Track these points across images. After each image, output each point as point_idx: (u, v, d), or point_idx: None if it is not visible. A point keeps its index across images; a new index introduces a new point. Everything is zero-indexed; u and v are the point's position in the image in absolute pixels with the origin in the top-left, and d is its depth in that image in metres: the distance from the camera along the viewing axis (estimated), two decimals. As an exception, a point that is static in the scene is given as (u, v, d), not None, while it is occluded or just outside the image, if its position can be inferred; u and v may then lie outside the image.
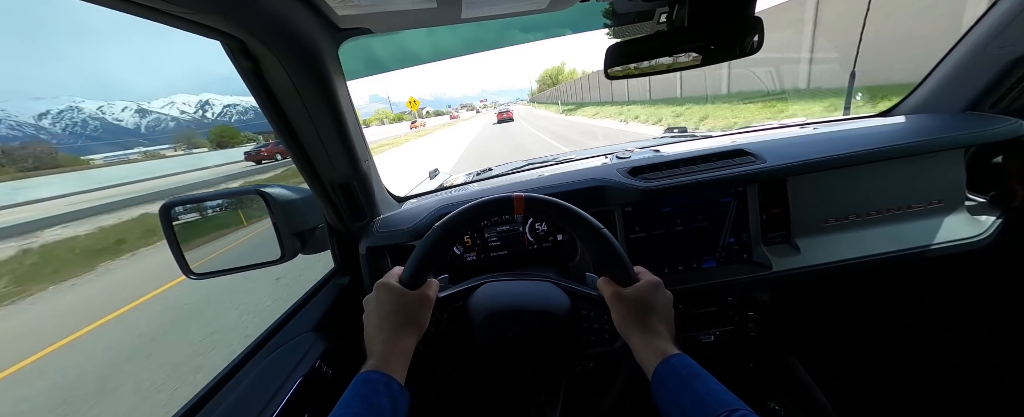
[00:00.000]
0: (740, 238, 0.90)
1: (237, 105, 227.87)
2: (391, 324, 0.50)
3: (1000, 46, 0.82)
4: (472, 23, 0.91)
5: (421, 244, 0.54)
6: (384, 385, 0.43)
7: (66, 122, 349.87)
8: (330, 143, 0.67)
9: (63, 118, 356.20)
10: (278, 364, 0.60)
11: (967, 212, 0.89)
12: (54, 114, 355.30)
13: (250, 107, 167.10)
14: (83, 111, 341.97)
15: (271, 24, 0.46)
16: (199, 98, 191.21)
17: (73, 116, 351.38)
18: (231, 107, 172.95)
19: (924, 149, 0.84)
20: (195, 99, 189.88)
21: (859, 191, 0.88)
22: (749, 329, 0.96)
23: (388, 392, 0.42)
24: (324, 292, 0.85)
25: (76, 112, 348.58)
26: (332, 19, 0.55)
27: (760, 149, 0.90)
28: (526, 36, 1.07)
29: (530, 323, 0.58)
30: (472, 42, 1.07)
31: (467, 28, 0.98)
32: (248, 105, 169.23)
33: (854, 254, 0.86)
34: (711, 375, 0.43)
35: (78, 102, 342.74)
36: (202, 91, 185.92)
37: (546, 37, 1.10)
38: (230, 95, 72.14)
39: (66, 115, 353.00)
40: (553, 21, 0.98)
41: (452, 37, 1.02)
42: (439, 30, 0.94)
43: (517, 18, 0.94)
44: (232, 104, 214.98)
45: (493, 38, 1.06)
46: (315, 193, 0.79)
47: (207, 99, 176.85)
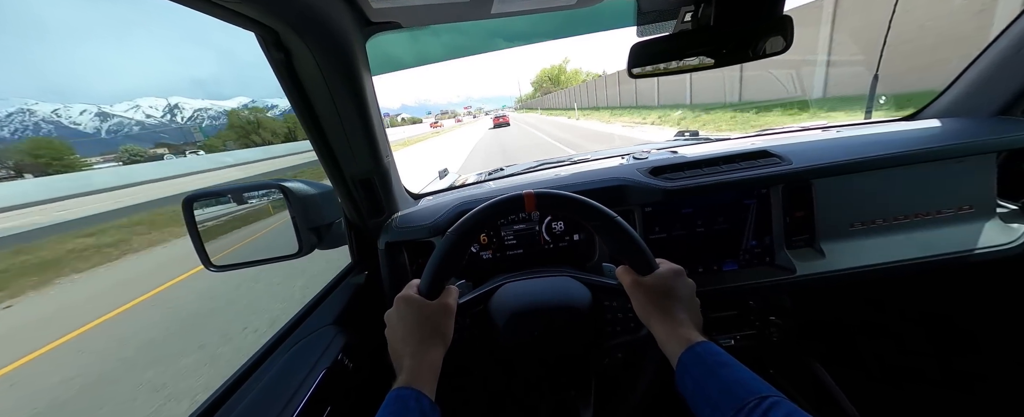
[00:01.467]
0: (762, 241, 0.89)
1: (209, 109, 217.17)
2: (416, 337, 0.49)
3: None
4: (457, 30, 0.91)
5: (436, 252, 0.53)
6: (415, 401, 0.43)
7: (16, 125, 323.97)
8: (354, 137, 0.67)
9: (12, 121, 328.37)
10: (301, 356, 0.60)
11: (999, 219, 0.87)
12: (2, 117, 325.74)
13: (222, 111, 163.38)
14: (36, 114, 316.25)
15: (307, 15, 0.46)
16: (167, 101, 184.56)
17: (24, 119, 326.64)
18: (202, 111, 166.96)
19: (954, 153, 0.82)
20: (163, 102, 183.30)
21: (886, 195, 0.86)
22: (771, 334, 0.94)
23: (419, 408, 0.42)
24: (342, 287, 0.85)
25: (28, 115, 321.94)
26: (365, 11, 0.55)
27: (784, 151, 0.89)
28: (509, 43, 1.07)
29: (554, 319, 0.57)
30: (454, 48, 1.07)
31: (450, 34, 0.98)
32: (220, 110, 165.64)
33: (881, 260, 0.83)
34: (740, 363, 0.42)
35: (31, 104, 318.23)
36: (171, 94, 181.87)
37: (527, 43, 1.10)
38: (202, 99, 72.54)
39: (16, 118, 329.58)
40: (538, 29, 0.97)
41: (434, 43, 1.01)
42: (422, 36, 0.94)
43: (502, 26, 0.94)
44: (203, 108, 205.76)
45: (477, 44, 1.06)
46: (335, 187, 0.79)
47: (177, 103, 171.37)
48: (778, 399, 0.35)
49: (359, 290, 0.84)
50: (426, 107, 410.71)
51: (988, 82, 0.91)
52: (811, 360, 1.01)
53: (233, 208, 0.89)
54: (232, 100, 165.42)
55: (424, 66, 1.14)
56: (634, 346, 0.59)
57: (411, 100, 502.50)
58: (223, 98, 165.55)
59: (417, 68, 1.13)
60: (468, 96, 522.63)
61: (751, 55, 0.76)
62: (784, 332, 0.93)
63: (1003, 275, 0.95)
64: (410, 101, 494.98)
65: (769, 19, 0.71)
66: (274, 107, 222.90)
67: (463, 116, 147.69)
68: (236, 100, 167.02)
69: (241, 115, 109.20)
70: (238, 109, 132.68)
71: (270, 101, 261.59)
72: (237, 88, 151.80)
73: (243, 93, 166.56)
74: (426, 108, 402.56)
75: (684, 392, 0.43)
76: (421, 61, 1.09)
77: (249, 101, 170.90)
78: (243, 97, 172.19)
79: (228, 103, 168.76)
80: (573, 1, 0.62)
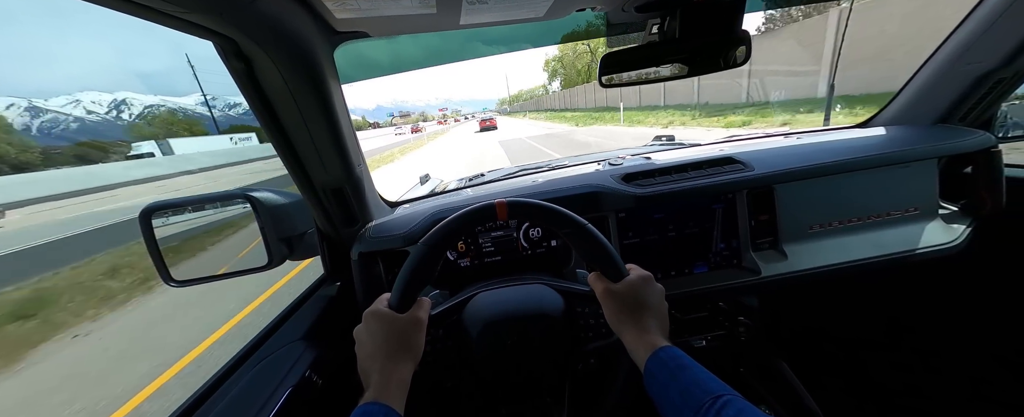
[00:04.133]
0: (730, 244, 0.92)
1: (162, 106, 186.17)
2: (384, 353, 0.49)
3: (968, 63, 0.87)
4: (435, 35, 0.91)
5: (406, 264, 0.53)
6: (384, 416, 0.42)
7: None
8: (323, 146, 0.66)
9: None
10: (266, 374, 0.58)
11: (941, 220, 0.94)
12: None
13: (177, 108, 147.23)
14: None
15: (267, 25, 0.45)
16: (113, 97, 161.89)
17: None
18: (154, 108, 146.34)
19: (900, 159, 0.88)
20: (108, 97, 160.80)
21: (841, 198, 0.91)
22: (739, 334, 0.97)
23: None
24: (314, 299, 0.83)
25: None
26: (329, 21, 0.54)
27: (748, 157, 0.93)
28: (489, 49, 1.08)
29: (527, 328, 0.57)
30: (434, 53, 1.07)
31: (428, 39, 0.98)
32: (176, 105, 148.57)
33: (838, 259, 0.88)
34: (700, 365, 0.43)
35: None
36: (117, 89, 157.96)
37: (508, 51, 1.11)
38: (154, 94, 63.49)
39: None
40: (517, 35, 0.99)
41: (412, 47, 1.01)
42: (400, 40, 0.94)
43: (481, 32, 0.95)
44: (156, 105, 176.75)
45: (456, 49, 1.06)
46: (306, 197, 0.77)
47: (124, 98, 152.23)
48: (731, 397, 0.37)
49: (331, 302, 0.82)
50: (404, 108, 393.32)
51: (928, 93, 0.98)
52: (777, 358, 1.05)
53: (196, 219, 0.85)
54: (189, 97, 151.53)
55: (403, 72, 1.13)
56: (607, 351, 0.61)
57: (387, 101, 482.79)
58: (178, 94, 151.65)
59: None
60: (447, 99, 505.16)
61: (715, 66, 0.80)
62: (752, 332, 0.96)
63: (946, 271, 1.02)
64: (386, 102, 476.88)
65: (729, 34, 0.75)
66: (236, 106, 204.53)
67: (434, 120, 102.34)
68: (193, 97, 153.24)
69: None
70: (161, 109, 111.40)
71: (231, 99, 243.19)
72: (195, 84, 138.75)
73: (199, 89, 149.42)
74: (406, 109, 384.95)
75: (651, 396, 0.45)
76: (398, 67, 1.08)
77: (211, 98, 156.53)
78: (200, 95, 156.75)
79: (184, 100, 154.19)
80: (541, 13, 0.63)
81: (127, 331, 3.64)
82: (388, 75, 1.11)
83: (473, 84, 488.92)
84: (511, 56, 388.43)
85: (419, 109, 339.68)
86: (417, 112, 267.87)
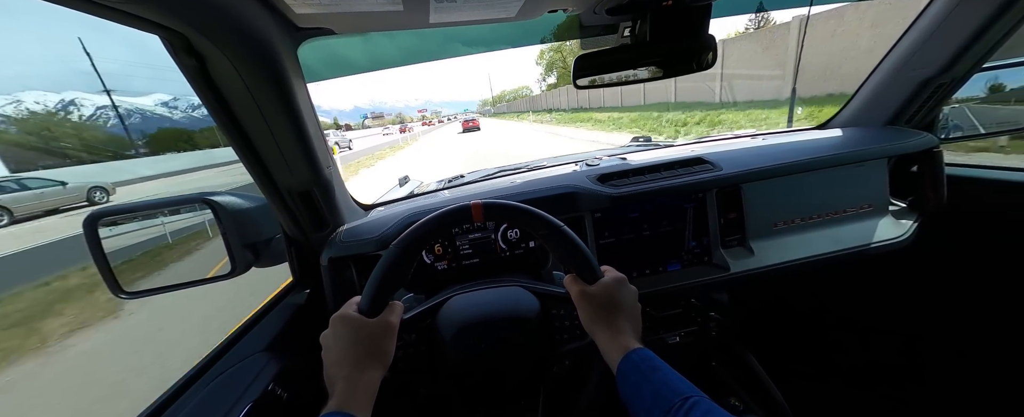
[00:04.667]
0: (701, 242, 0.95)
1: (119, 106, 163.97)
2: (351, 359, 0.47)
3: (912, 69, 0.94)
4: (413, 34, 0.89)
5: (377, 267, 0.51)
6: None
7: None
8: (288, 148, 0.63)
9: None
10: (224, 389, 0.54)
11: (891, 215, 1.00)
12: None
13: (135, 108, 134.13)
14: None
15: (220, 20, 0.42)
16: (60, 97, 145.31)
17: None
18: (106, 109, 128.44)
19: (854, 159, 0.94)
20: (55, 98, 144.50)
21: (803, 196, 0.96)
22: (710, 329, 1.00)
23: None
24: (280, 307, 0.79)
25: None
26: (289, 17, 0.52)
27: (717, 158, 0.96)
28: (467, 49, 1.07)
29: (502, 331, 0.57)
30: (412, 52, 1.06)
31: (406, 38, 0.96)
32: (134, 107, 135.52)
33: (800, 255, 0.93)
34: (669, 367, 0.44)
35: None
36: (65, 88, 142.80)
37: (486, 51, 1.11)
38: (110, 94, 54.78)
39: None
40: (498, 35, 0.99)
41: (390, 46, 0.99)
42: (377, 39, 0.91)
43: (461, 32, 0.94)
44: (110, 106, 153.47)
45: (435, 48, 1.05)
46: (271, 201, 0.73)
47: (72, 98, 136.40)
48: (698, 399, 0.38)
49: (300, 310, 0.79)
50: (381, 109, 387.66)
51: (879, 97, 1.05)
52: (746, 352, 1.10)
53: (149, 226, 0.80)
54: (148, 97, 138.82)
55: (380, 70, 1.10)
56: (582, 353, 0.61)
57: (365, 101, 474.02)
58: (136, 94, 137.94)
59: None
60: (427, 100, 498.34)
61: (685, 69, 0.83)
62: (722, 327, 1.00)
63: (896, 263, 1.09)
64: (364, 102, 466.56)
65: (697, 39, 0.77)
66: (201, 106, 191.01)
67: (413, 124, 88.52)
68: (153, 97, 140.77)
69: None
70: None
71: (194, 99, 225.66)
72: (154, 83, 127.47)
73: (161, 89, 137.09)
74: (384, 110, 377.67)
75: (623, 398, 0.45)
76: (376, 65, 1.06)
77: (170, 99, 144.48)
78: (162, 94, 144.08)
79: (142, 100, 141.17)
80: (512, 14, 0.63)
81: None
82: (363, 73, 1.08)
83: (453, 85, 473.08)
84: (494, 56, 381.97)
85: (397, 110, 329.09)
86: (394, 113, 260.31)
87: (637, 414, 0.42)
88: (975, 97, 1.10)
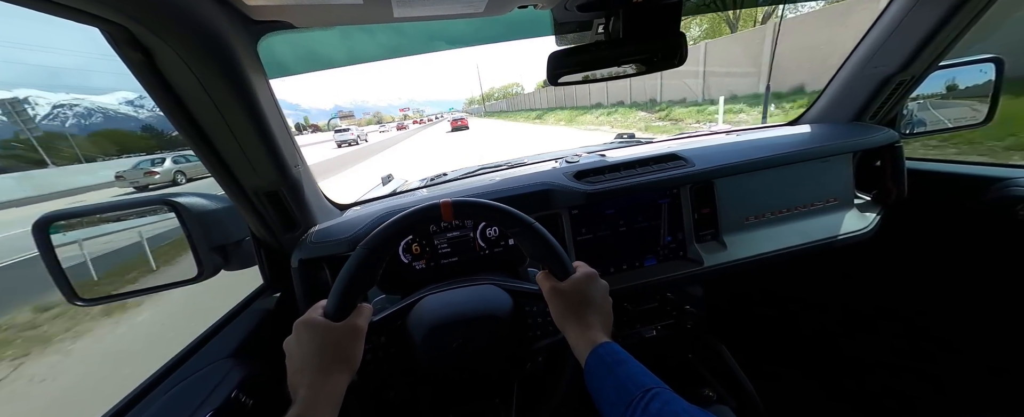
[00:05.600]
0: (676, 236, 0.97)
1: (76, 106, 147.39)
2: (314, 365, 0.46)
3: (874, 66, 0.97)
4: (393, 30, 0.87)
5: (344, 269, 0.50)
6: None
7: None
8: (251, 148, 0.61)
9: None
10: (183, 398, 0.53)
11: (856, 208, 1.04)
12: None
13: (97, 108, 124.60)
14: None
15: (161, 11, 0.40)
16: (13, 95, 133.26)
17: None
18: (65, 108, 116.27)
19: (821, 154, 0.97)
20: (5, 95, 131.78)
21: (773, 191, 0.99)
22: (686, 322, 1.02)
23: None
24: (249, 311, 0.77)
25: None
26: (241, 10, 0.50)
27: (691, 154, 0.98)
28: (451, 45, 1.06)
29: (474, 330, 0.56)
30: (391, 48, 1.04)
31: (386, 34, 0.95)
32: (95, 105, 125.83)
33: (771, 248, 0.95)
34: (635, 360, 0.45)
35: None
36: (16, 87, 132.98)
37: (471, 46, 1.10)
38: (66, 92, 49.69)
39: None
40: (483, 32, 0.98)
41: (369, 42, 0.97)
42: (356, 34, 0.89)
43: (444, 28, 0.93)
44: (67, 104, 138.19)
45: (415, 44, 1.04)
46: (236, 203, 0.71)
47: (25, 96, 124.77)
48: (659, 390, 0.38)
49: (269, 315, 0.77)
50: (365, 108, 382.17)
51: (844, 94, 1.08)
52: (719, 344, 1.13)
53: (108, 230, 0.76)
54: (110, 95, 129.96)
55: (359, 65, 1.08)
56: (555, 349, 0.61)
57: (346, 101, 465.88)
58: (97, 92, 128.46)
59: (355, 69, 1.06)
60: (411, 99, 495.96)
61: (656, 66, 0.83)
62: (697, 320, 1.02)
63: (861, 254, 1.14)
64: (344, 102, 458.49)
65: (667, 36, 0.78)
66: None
67: (394, 122, 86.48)
68: (116, 95, 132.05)
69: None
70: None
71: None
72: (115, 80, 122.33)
73: (126, 87, 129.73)
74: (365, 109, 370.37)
75: (591, 391, 0.45)
76: (354, 60, 1.03)
77: (136, 97, 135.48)
78: (127, 92, 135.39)
79: (104, 98, 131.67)
80: (480, 9, 0.62)
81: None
82: (341, 68, 1.06)
83: (438, 82, 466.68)
84: (481, 52, 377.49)
85: (375, 109, 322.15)
86: (371, 113, 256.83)
87: (602, 407, 0.43)
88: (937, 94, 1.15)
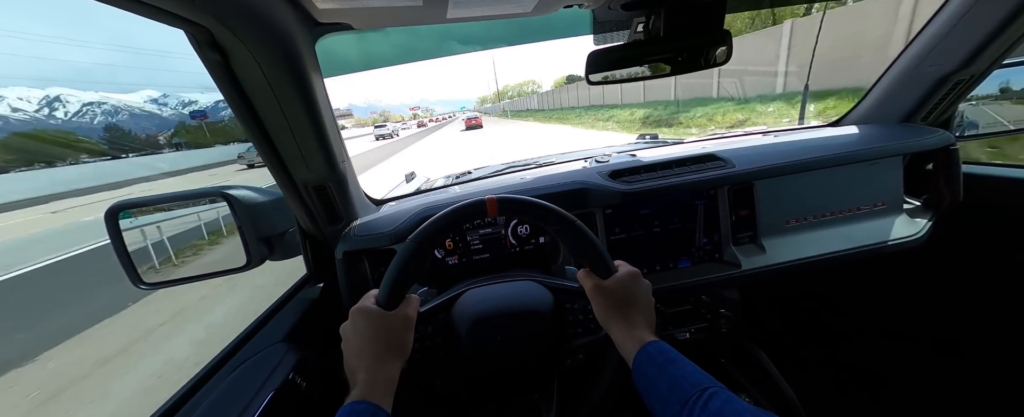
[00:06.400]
0: (712, 239, 0.95)
1: (103, 104, 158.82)
2: (371, 351, 0.48)
3: (930, 64, 0.92)
4: (407, 32, 0.89)
5: (395, 260, 0.52)
6: (371, 415, 0.41)
7: None
8: (305, 142, 0.64)
9: None
10: (248, 377, 0.56)
11: (906, 214, 0.99)
12: None
13: (123, 106, 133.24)
14: None
15: (244, 14, 0.43)
16: (45, 93, 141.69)
17: None
18: (94, 105, 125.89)
19: (868, 156, 0.93)
20: (39, 94, 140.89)
21: (815, 194, 0.95)
22: (721, 326, 1.00)
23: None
24: (296, 300, 0.80)
25: None
26: (311, 12, 0.52)
27: (729, 155, 0.95)
28: (463, 47, 1.07)
29: (516, 324, 0.57)
30: (405, 51, 1.05)
31: (401, 36, 0.96)
32: (122, 104, 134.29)
33: (813, 252, 0.92)
34: (686, 359, 0.44)
35: None
36: (49, 85, 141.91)
37: (482, 48, 1.10)
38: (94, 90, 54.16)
39: None
40: (493, 34, 0.99)
41: (385, 45, 0.99)
42: (371, 37, 0.91)
43: (456, 30, 0.94)
44: (96, 102, 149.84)
45: (430, 47, 1.05)
46: (287, 195, 0.74)
47: (57, 94, 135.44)
48: (717, 389, 0.38)
49: (314, 303, 0.80)
50: (378, 107, 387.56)
51: (894, 94, 1.03)
52: (756, 349, 1.09)
53: (169, 219, 0.81)
54: (136, 93, 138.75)
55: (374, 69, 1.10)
56: (595, 346, 0.61)
57: (360, 100, 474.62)
58: (124, 91, 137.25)
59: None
60: (423, 98, 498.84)
61: (698, 64, 0.82)
62: (733, 324, 1.00)
63: (910, 262, 1.08)
64: (359, 101, 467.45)
65: (711, 32, 0.76)
66: (191, 103, 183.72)
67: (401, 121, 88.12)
68: (142, 94, 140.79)
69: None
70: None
71: (186, 96, 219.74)
72: (142, 77, 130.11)
73: (150, 84, 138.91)
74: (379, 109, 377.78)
75: (639, 390, 0.45)
76: (370, 64, 1.06)
77: (160, 96, 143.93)
78: (150, 90, 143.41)
79: (130, 96, 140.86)
80: (529, 8, 0.63)
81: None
82: (355, 72, 1.08)
83: (449, 82, 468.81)
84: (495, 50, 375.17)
85: (384, 108, 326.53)
86: (378, 112, 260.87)
87: (653, 406, 0.43)
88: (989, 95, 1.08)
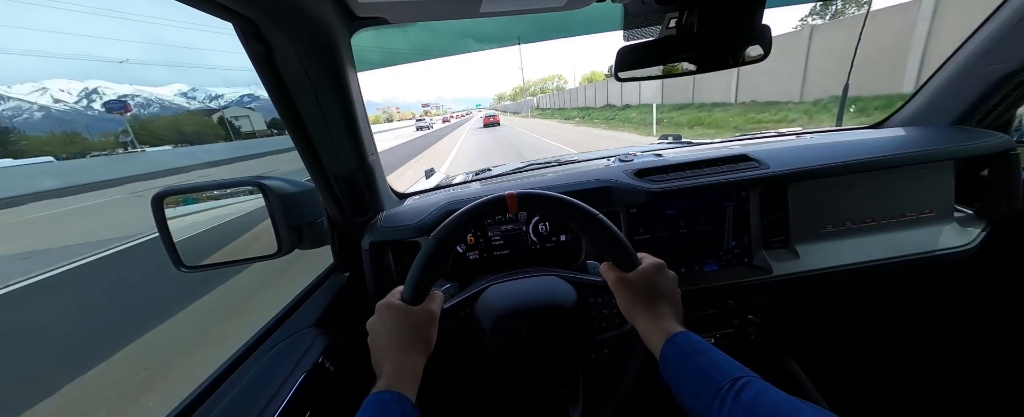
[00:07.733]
0: (741, 242, 0.91)
1: (136, 97, 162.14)
2: (397, 345, 0.49)
3: (989, 63, 0.86)
4: (424, 28, 0.90)
5: (418, 257, 0.53)
6: (396, 404, 0.42)
7: None
8: (338, 134, 0.66)
9: None
10: (282, 358, 0.58)
11: (956, 222, 0.93)
12: None
13: (155, 99, 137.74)
14: None
15: (288, 8, 0.45)
16: (84, 85, 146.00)
17: None
18: (129, 98, 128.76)
19: (917, 160, 0.87)
20: (79, 86, 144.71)
21: (856, 199, 0.90)
22: (748, 332, 0.97)
23: (400, 411, 0.41)
24: (324, 287, 0.83)
25: None
26: (350, 6, 0.54)
27: (761, 156, 0.92)
28: (480, 45, 1.08)
29: (540, 320, 0.57)
30: (422, 48, 1.07)
31: (418, 33, 0.97)
32: (154, 97, 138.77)
33: (851, 260, 0.87)
34: (716, 348, 0.43)
35: None
36: (87, 77, 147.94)
37: (499, 46, 1.10)
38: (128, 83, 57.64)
39: None
40: (511, 31, 0.99)
41: (401, 42, 1.00)
42: (388, 34, 0.93)
43: (473, 28, 0.94)
44: (129, 95, 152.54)
45: (447, 45, 1.06)
46: (318, 185, 0.77)
47: (96, 87, 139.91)
48: (750, 378, 0.37)
49: (341, 291, 0.82)
50: (395, 104, 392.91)
51: (946, 94, 0.97)
52: (787, 358, 1.05)
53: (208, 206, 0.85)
54: (167, 87, 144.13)
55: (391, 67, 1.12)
56: (620, 341, 0.60)
57: (378, 97, 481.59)
58: (155, 84, 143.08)
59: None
60: (440, 95, 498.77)
61: (732, 62, 0.79)
62: (761, 331, 0.96)
63: (959, 274, 1.01)
64: (376, 98, 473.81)
65: (749, 27, 0.73)
66: (217, 98, 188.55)
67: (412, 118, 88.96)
68: (172, 87, 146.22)
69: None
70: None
71: (213, 91, 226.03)
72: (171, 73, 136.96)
73: (180, 79, 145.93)
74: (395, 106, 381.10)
75: (669, 382, 0.44)
76: (387, 61, 1.08)
77: (189, 89, 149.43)
78: (180, 84, 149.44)
79: (161, 90, 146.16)
80: (562, 3, 0.62)
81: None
82: (374, 70, 1.11)
83: (464, 79, 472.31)
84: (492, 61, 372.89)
85: (394, 105, 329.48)
86: (381, 108, 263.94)
87: (684, 397, 0.42)
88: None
